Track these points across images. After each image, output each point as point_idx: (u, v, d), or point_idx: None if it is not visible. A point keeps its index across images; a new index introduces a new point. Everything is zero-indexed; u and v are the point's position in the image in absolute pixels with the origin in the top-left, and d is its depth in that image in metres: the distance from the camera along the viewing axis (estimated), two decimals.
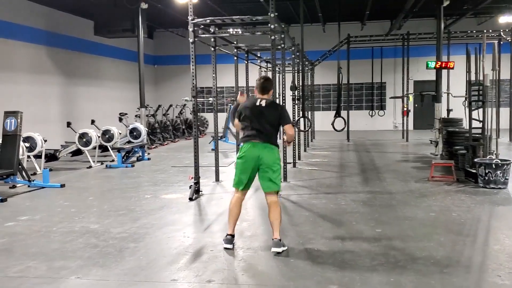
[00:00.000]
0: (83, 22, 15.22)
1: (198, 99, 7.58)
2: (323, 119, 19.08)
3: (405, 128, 15.92)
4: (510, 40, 14.78)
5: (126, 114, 13.69)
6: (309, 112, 14.62)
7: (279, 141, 4.89)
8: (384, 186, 7.74)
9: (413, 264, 4.09)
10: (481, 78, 8.18)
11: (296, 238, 4.88)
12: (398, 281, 3.73)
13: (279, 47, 8.68)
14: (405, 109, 16.54)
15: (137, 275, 3.99)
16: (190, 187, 7.12)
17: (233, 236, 4.64)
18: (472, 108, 8.12)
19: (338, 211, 6.09)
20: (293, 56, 11.04)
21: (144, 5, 12.94)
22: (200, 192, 7.31)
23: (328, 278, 3.81)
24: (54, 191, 7.88)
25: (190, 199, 6.91)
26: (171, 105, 17.89)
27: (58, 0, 13.19)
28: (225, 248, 4.55)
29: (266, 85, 4.83)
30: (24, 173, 7.90)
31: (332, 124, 13.76)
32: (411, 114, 16.89)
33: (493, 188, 7.19)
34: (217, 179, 8.47)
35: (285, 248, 4.45)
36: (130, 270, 4.10)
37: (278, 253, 4.37)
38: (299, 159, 10.83)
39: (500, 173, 7.16)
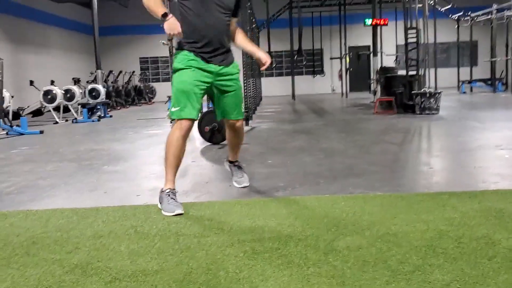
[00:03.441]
0: None
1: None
2: (266, 85, 20.11)
3: (343, 90, 17.43)
4: None
5: (79, 78, 13.99)
6: (255, 79, 15.59)
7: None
8: (339, 117, 8.94)
9: (376, 146, 5.23)
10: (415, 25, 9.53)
11: (279, 143, 5.87)
12: (368, 157, 4.82)
13: None
14: (341, 72, 18.09)
15: (160, 162, 4.81)
16: (171, 122, 7.90)
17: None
18: (409, 49, 9.47)
19: (306, 129, 7.16)
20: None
21: None
22: None
23: (319, 158, 4.84)
24: (36, 136, 8.32)
25: None
26: (120, 72, 18.17)
27: None
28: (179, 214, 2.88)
29: None
30: (7, 119, 8.29)
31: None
32: (347, 77, 18.34)
33: (428, 114, 8.55)
34: None
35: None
36: (152, 162, 4.91)
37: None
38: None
39: (433, 100, 8.54)
